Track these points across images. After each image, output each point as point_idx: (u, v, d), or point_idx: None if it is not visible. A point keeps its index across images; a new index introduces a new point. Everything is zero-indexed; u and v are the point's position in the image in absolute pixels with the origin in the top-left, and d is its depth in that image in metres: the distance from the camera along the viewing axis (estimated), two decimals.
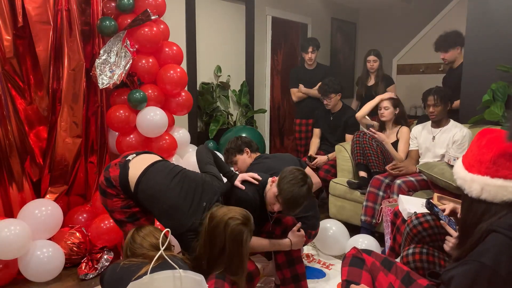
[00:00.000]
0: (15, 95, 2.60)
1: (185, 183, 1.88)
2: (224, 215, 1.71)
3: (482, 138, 1.29)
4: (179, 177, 1.90)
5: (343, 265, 1.59)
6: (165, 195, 1.84)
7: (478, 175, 1.25)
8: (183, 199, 1.82)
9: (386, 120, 3.20)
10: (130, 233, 1.76)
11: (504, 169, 1.21)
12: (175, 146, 3.08)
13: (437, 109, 2.82)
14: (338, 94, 3.59)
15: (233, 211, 1.73)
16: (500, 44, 2.91)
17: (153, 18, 2.86)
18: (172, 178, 1.89)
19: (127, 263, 1.58)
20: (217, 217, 1.71)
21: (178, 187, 1.85)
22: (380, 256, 1.58)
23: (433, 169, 2.63)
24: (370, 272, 1.53)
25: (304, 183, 1.92)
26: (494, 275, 1.11)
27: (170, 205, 1.82)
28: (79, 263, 2.60)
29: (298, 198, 1.90)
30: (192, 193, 1.84)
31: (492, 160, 1.23)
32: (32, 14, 2.59)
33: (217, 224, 1.70)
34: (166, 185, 1.86)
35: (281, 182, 1.93)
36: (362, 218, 2.92)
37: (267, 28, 4.82)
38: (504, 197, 1.21)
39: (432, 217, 1.80)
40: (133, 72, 2.92)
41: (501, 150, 1.22)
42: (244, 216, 1.72)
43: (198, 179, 1.91)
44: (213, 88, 4.14)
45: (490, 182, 1.23)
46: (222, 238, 1.68)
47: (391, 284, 1.46)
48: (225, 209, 1.77)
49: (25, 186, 2.61)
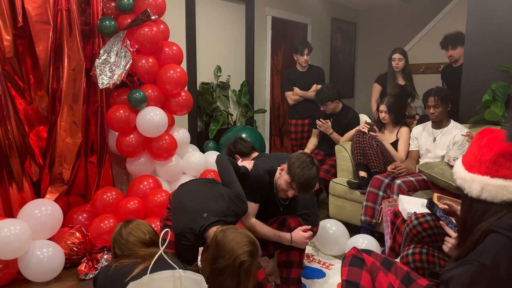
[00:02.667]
0: (15, 95, 2.60)
1: (203, 191, 2.01)
2: (232, 251, 1.58)
3: (482, 138, 1.29)
4: (204, 184, 2.08)
5: (343, 265, 1.60)
6: (181, 193, 2.03)
7: (478, 175, 1.25)
8: (190, 201, 1.94)
9: (387, 122, 3.22)
10: (118, 228, 1.75)
11: (504, 169, 1.21)
12: (175, 146, 3.08)
13: (438, 110, 2.82)
14: (335, 101, 3.55)
15: (240, 243, 1.60)
16: (500, 44, 2.91)
17: (153, 18, 2.87)
18: (199, 183, 2.10)
19: (118, 265, 1.56)
20: (226, 249, 1.59)
21: (191, 192, 2.01)
22: (380, 256, 1.58)
23: (433, 169, 2.63)
24: (370, 272, 1.53)
25: (313, 165, 1.98)
26: (493, 275, 1.11)
27: (179, 202, 1.97)
28: (79, 263, 2.60)
29: (311, 180, 1.96)
30: (200, 201, 1.94)
31: (492, 160, 1.23)
32: (32, 14, 2.59)
33: (225, 257, 1.59)
34: (186, 187, 2.07)
35: (291, 168, 1.97)
36: (362, 218, 2.92)
37: (267, 28, 4.82)
38: (504, 197, 1.21)
39: (432, 217, 1.80)
40: (133, 72, 2.92)
41: (501, 150, 1.22)
42: (251, 244, 1.62)
43: (217, 192, 1.98)
44: (213, 88, 4.14)
45: (490, 182, 1.23)
46: (232, 272, 1.58)
47: (390, 284, 1.46)
48: (231, 237, 1.63)
49: (25, 186, 2.61)
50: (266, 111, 4.82)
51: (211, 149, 3.90)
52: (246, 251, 1.58)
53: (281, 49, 5.40)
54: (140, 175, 2.99)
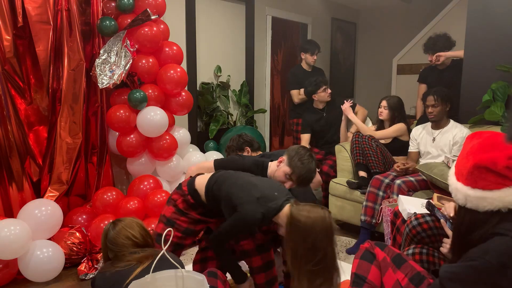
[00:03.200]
0: (15, 95, 2.60)
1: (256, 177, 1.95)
2: (307, 218, 1.57)
3: (467, 145, 1.29)
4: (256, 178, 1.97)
5: (355, 256, 1.60)
6: (240, 175, 1.92)
7: (461, 185, 1.26)
8: (260, 182, 1.85)
9: (384, 119, 3.23)
10: (105, 231, 1.65)
11: (481, 180, 1.20)
12: (175, 146, 3.07)
13: (436, 110, 2.82)
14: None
15: (311, 210, 1.62)
16: (500, 44, 2.91)
17: (153, 18, 2.87)
18: (250, 176, 1.96)
19: (117, 269, 1.50)
20: (302, 219, 1.58)
21: (254, 177, 1.93)
22: (393, 252, 1.55)
23: (433, 170, 2.63)
24: (379, 267, 1.52)
25: (312, 159, 2.06)
26: (499, 274, 1.11)
27: (249, 181, 1.85)
28: (79, 263, 2.60)
29: (310, 173, 2.05)
30: (268, 182, 1.90)
31: (470, 172, 1.23)
32: (32, 14, 2.59)
33: (307, 226, 1.56)
34: (241, 172, 1.97)
35: (292, 161, 2.02)
36: (362, 218, 2.92)
37: (267, 28, 4.82)
38: (485, 208, 1.20)
39: (431, 218, 1.80)
40: (133, 72, 2.92)
41: (475, 162, 1.21)
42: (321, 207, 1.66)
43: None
44: (213, 88, 4.14)
45: (471, 193, 1.23)
46: (318, 238, 1.54)
47: (398, 282, 1.44)
48: (302, 208, 1.64)
49: (25, 186, 2.61)
50: (266, 111, 4.82)
51: (212, 149, 3.90)
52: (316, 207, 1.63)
53: (281, 49, 5.40)
54: (140, 175, 2.99)
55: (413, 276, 1.43)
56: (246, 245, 1.94)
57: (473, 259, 1.16)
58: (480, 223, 1.22)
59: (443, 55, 3.33)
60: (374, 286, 1.49)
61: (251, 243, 1.94)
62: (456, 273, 1.19)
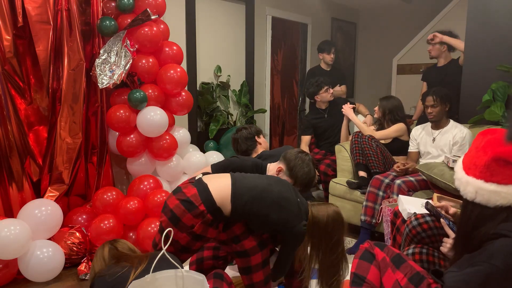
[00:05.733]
0: (15, 95, 2.60)
1: (277, 181, 1.84)
2: (320, 213, 1.81)
3: (481, 140, 1.29)
4: (268, 177, 1.87)
5: (355, 256, 1.61)
6: (270, 190, 1.73)
7: (473, 178, 1.25)
8: (287, 191, 1.79)
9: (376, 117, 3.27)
10: (100, 253, 1.64)
11: (498, 174, 1.20)
12: (175, 146, 3.07)
13: (435, 110, 2.82)
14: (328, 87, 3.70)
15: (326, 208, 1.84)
16: (500, 44, 2.91)
17: (153, 18, 2.86)
18: (264, 178, 1.83)
19: (115, 271, 1.51)
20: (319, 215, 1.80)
21: (277, 183, 1.80)
22: (393, 252, 1.55)
23: (433, 170, 2.63)
24: (379, 267, 1.53)
25: (311, 164, 2.07)
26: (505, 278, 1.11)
27: (279, 196, 1.73)
28: (79, 263, 2.60)
29: (312, 178, 2.08)
30: (288, 187, 1.84)
31: (486, 165, 1.22)
32: (32, 14, 2.59)
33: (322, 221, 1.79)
34: (266, 183, 1.76)
35: (293, 170, 2.02)
36: (362, 218, 2.92)
37: (267, 28, 4.82)
38: (497, 202, 1.20)
39: (431, 218, 1.80)
40: (133, 72, 2.92)
41: (495, 155, 1.21)
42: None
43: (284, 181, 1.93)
44: (213, 88, 4.14)
45: (484, 186, 1.22)
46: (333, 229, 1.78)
47: (397, 282, 1.44)
48: (319, 208, 1.84)
49: (25, 186, 2.61)
50: (266, 111, 4.82)
51: (212, 149, 3.90)
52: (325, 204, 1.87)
53: (281, 49, 5.39)
54: (140, 175, 2.99)
55: (412, 276, 1.43)
56: (247, 244, 1.90)
57: (478, 264, 1.15)
58: (488, 218, 1.21)
59: (439, 36, 3.34)
60: (373, 286, 1.49)
61: (252, 240, 1.90)
62: (464, 281, 1.18)
